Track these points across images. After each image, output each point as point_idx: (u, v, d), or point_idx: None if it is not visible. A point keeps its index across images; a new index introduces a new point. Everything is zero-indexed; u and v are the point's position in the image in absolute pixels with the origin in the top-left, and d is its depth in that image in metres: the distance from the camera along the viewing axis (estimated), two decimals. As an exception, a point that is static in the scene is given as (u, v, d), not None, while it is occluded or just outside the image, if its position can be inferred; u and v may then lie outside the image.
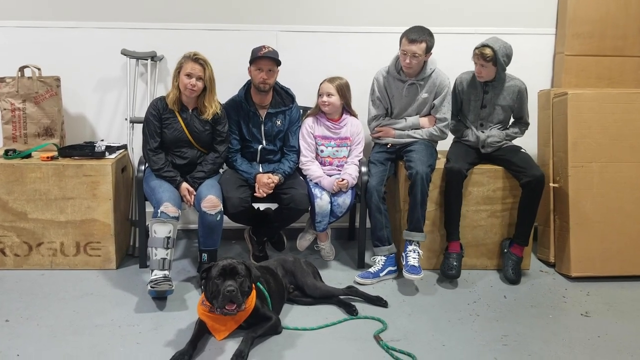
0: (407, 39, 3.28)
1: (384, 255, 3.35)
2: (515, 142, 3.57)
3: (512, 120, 3.59)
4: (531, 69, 3.88)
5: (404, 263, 3.24)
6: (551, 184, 3.56)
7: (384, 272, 3.32)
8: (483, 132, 3.48)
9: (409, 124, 3.50)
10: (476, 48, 3.31)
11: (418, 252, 3.26)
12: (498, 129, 3.50)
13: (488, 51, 3.24)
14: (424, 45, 3.28)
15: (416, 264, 3.21)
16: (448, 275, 3.30)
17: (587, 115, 3.40)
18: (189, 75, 3.18)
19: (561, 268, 3.49)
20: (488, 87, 3.44)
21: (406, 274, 3.18)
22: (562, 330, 2.77)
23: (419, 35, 3.26)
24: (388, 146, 3.54)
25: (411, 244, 3.27)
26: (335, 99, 3.47)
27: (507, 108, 3.48)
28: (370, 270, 3.34)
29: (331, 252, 3.66)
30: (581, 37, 3.84)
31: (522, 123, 3.56)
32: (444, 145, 3.62)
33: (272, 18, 3.83)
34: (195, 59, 3.19)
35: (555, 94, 3.57)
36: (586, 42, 3.85)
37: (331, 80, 3.48)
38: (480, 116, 3.50)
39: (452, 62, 3.55)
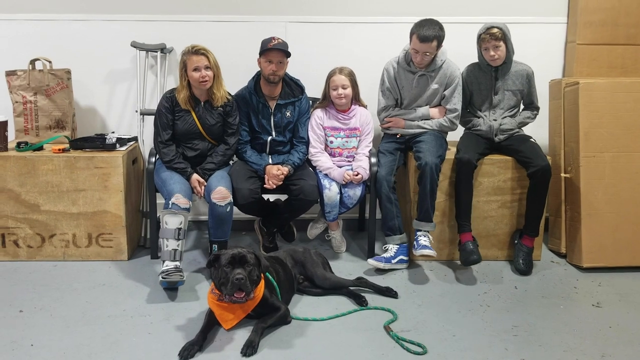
0: (418, 38, 3.24)
1: (396, 244, 3.34)
2: (527, 131, 3.55)
3: (522, 107, 3.58)
4: (542, 58, 3.85)
5: (414, 247, 3.24)
6: (562, 175, 3.53)
7: (395, 260, 3.30)
8: (495, 119, 3.46)
9: (419, 114, 3.49)
10: (482, 33, 3.33)
11: (429, 237, 3.27)
12: (509, 116, 3.49)
13: (496, 30, 3.27)
14: (435, 43, 3.26)
15: (427, 244, 3.22)
16: (470, 261, 3.22)
17: (599, 104, 3.37)
18: (197, 69, 3.18)
19: (572, 259, 3.47)
20: (498, 73, 3.43)
21: (418, 251, 3.18)
22: (573, 321, 2.76)
23: (430, 33, 3.21)
24: (397, 136, 3.53)
25: (420, 231, 3.28)
26: (349, 90, 3.46)
27: (517, 93, 3.48)
28: (383, 255, 3.33)
29: (342, 243, 3.66)
30: (593, 26, 3.80)
31: (532, 107, 3.55)
32: (455, 136, 3.61)
33: (281, 9, 3.82)
34: (196, 51, 3.19)
35: (567, 83, 3.54)
36: (598, 30, 3.81)
37: (341, 71, 3.46)
38: (492, 103, 3.49)
39: (462, 52, 3.52)
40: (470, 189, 3.35)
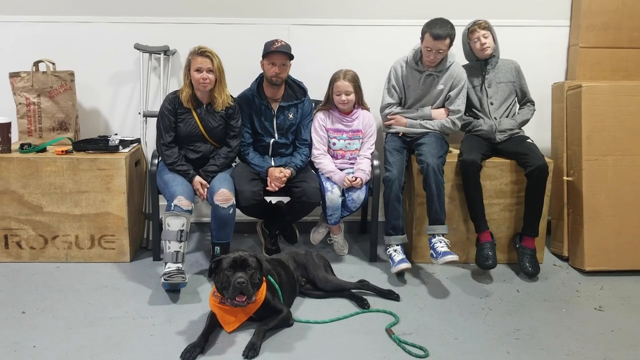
0: (431, 36, 3.25)
1: (397, 244, 3.29)
2: (529, 133, 3.56)
3: (517, 105, 3.61)
4: (545, 61, 3.86)
5: (433, 256, 3.18)
6: (565, 178, 3.53)
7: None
8: (495, 117, 3.48)
9: (421, 114, 3.49)
10: (469, 27, 3.45)
11: (444, 242, 3.20)
12: (506, 112, 3.51)
13: (482, 21, 3.42)
14: (448, 40, 3.28)
15: (447, 249, 3.14)
16: (485, 266, 3.23)
17: (602, 108, 3.37)
18: (199, 70, 3.19)
19: (575, 262, 3.47)
20: (488, 67, 3.48)
21: (441, 259, 3.09)
22: (576, 325, 2.76)
23: (443, 31, 3.24)
24: (399, 135, 3.53)
25: (434, 237, 3.22)
26: (353, 97, 3.47)
27: (509, 84, 3.54)
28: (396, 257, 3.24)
29: (344, 246, 3.66)
30: (596, 29, 3.79)
31: (528, 101, 3.60)
32: (456, 139, 3.60)
33: (284, 11, 3.82)
34: (201, 52, 3.20)
35: (569, 86, 3.54)
36: (601, 33, 3.80)
37: (345, 76, 3.45)
38: (488, 96, 3.50)
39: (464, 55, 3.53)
40: (479, 188, 3.34)
